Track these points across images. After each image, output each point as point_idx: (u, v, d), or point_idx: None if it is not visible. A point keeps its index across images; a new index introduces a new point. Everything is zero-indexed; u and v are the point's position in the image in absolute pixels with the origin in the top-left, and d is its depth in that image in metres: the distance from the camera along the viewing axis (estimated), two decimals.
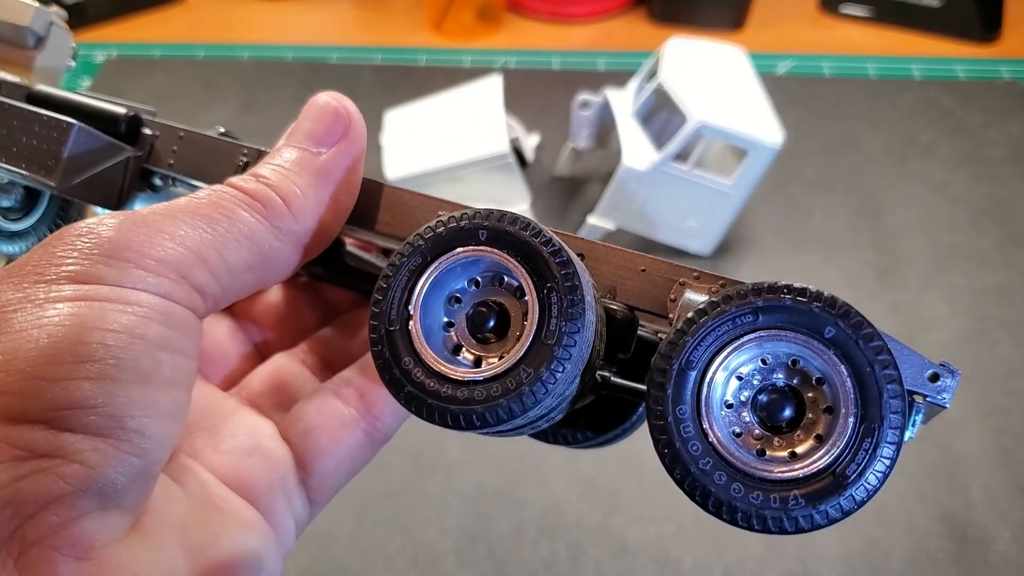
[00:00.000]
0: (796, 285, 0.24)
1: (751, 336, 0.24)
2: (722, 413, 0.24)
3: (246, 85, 1.06)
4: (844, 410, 0.23)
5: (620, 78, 0.90)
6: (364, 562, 0.62)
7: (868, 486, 0.23)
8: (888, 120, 0.98)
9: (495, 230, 0.25)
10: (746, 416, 0.25)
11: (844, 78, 1.05)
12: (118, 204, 0.33)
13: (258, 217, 0.26)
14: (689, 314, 0.25)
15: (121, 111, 0.33)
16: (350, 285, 0.35)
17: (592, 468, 0.67)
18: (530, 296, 0.25)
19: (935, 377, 0.24)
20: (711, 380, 0.24)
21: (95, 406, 0.21)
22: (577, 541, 0.63)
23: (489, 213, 0.26)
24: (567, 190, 0.92)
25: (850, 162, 0.93)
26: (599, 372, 0.28)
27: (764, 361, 0.25)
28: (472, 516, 0.65)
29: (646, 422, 0.25)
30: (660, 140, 0.77)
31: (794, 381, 0.25)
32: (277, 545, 0.26)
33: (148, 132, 0.34)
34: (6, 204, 0.36)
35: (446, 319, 0.27)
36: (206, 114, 1.01)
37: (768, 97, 0.78)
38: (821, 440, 0.24)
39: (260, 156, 0.31)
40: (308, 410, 0.29)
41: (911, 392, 0.24)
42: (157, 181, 0.34)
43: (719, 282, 0.27)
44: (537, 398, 0.24)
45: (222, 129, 0.35)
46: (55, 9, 0.37)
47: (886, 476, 0.23)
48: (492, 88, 0.86)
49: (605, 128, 0.88)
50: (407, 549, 0.63)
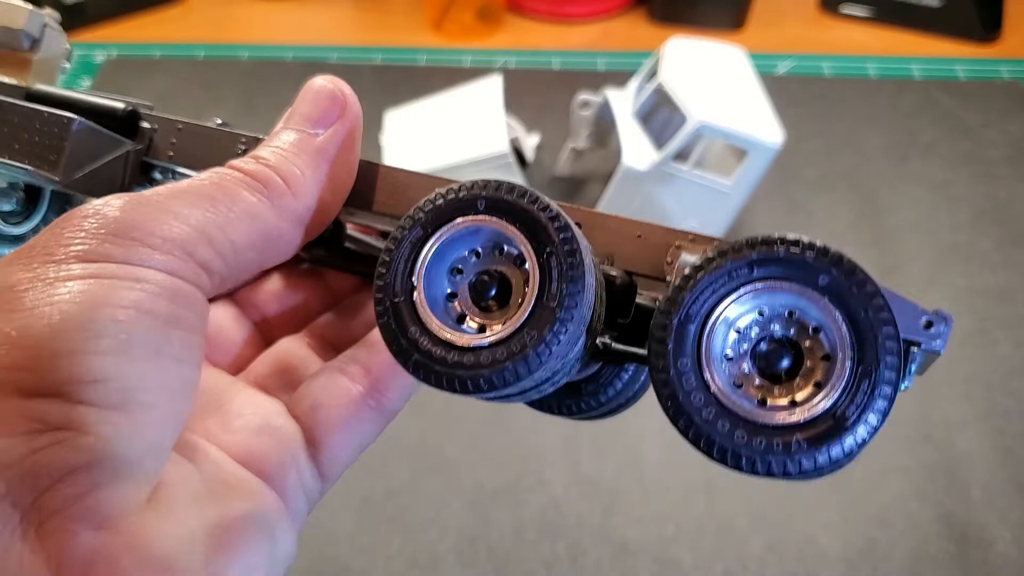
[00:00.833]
0: (789, 236, 0.24)
1: (747, 288, 0.24)
2: (723, 365, 0.25)
3: (246, 85, 1.06)
4: (841, 355, 0.24)
5: (620, 78, 0.90)
6: (364, 562, 0.62)
7: (868, 426, 0.23)
8: (888, 120, 0.98)
9: (493, 199, 0.26)
10: (746, 367, 0.25)
11: (844, 78, 1.05)
12: None
13: (259, 196, 0.27)
14: (686, 270, 0.25)
15: (119, 105, 0.34)
16: (352, 268, 0.36)
17: (592, 468, 0.66)
18: (530, 263, 0.25)
19: (929, 324, 0.25)
20: (710, 333, 0.24)
21: (107, 379, 0.21)
22: (577, 541, 0.63)
23: (487, 183, 0.26)
24: (567, 190, 0.92)
25: (850, 162, 0.93)
26: (600, 339, 0.28)
27: (761, 313, 0.25)
28: (472, 516, 0.65)
29: (649, 391, 0.25)
30: (660, 140, 0.76)
31: (791, 331, 0.25)
32: (290, 520, 0.27)
33: (146, 125, 0.34)
34: (7, 208, 0.36)
35: (449, 290, 0.27)
36: (206, 114, 1.00)
37: (768, 97, 0.78)
38: (820, 387, 0.24)
39: (258, 143, 0.32)
40: (314, 387, 0.30)
41: (906, 341, 0.25)
42: (157, 174, 0.35)
43: (713, 243, 0.27)
44: (542, 360, 0.24)
45: (220, 120, 0.35)
46: (48, 11, 0.37)
47: (885, 415, 0.23)
48: (492, 88, 0.86)
49: (605, 128, 0.88)
50: (407, 549, 0.63)
